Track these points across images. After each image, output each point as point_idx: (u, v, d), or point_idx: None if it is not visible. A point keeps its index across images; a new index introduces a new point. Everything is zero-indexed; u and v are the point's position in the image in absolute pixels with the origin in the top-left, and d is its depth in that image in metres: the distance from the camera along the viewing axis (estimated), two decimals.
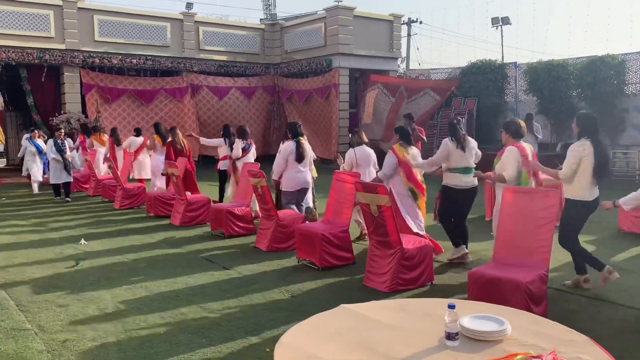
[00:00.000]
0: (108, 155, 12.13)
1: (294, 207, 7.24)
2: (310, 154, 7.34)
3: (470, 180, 5.90)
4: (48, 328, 4.28)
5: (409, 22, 29.27)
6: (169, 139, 10.15)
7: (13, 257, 6.66)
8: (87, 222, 9.05)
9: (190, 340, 4.01)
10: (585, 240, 7.11)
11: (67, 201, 11.25)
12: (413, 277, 5.21)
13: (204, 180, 12.09)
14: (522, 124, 5.49)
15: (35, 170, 12.88)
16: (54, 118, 16.17)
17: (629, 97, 14.37)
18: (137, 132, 12.30)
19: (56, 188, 11.54)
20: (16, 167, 18.13)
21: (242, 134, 9.07)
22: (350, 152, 7.14)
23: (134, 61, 17.86)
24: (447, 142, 5.89)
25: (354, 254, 6.17)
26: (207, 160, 17.56)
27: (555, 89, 15.00)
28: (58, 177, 11.20)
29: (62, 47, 16.71)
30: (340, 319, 2.57)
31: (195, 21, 19.37)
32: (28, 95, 16.83)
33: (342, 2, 18.70)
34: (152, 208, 9.46)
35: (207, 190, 10.44)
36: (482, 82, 16.85)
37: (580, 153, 4.86)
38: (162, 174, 10.04)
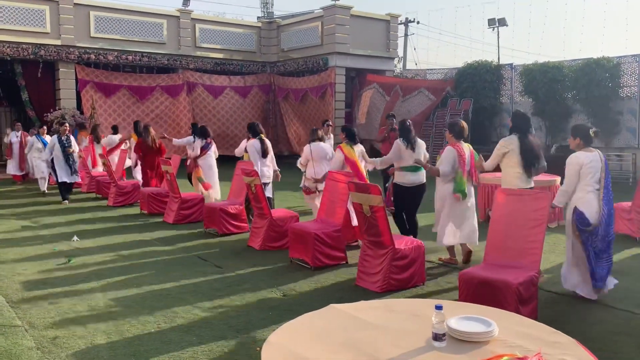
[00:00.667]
0: (101, 152, 12.11)
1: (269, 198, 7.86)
2: (271, 149, 8.13)
3: (418, 179, 6.32)
4: (38, 325, 4.27)
5: (406, 22, 29.32)
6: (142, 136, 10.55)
7: (3, 253, 6.64)
8: (80, 219, 9.03)
9: (181, 338, 4.01)
10: None
11: (65, 202, 10.64)
12: (405, 277, 5.21)
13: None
14: (465, 125, 5.99)
15: (43, 167, 12.14)
16: (48, 114, 16.10)
17: (623, 100, 14.43)
18: (115, 130, 12.79)
19: (65, 189, 10.77)
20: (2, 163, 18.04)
21: (202, 133, 9.45)
22: (306, 148, 7.68)
23: (130, 58, 17.82)
24: (398, 143, 6.33)
25: (346, 254, 6.18)
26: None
27: (550, 90, 15.05)
28: (61, 175, 10.52)
29: (58, 42, 16.65)
30: (329, 318, 2.57)
31: (192, 18, 19.34)
32: (23, 90, 16.76)
33: (339, 2, 18.71)
34: (146, 206, 9.44)
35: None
36: (478, 83, 16.89)
37: (503, 148, 5.43)
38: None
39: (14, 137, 13.92)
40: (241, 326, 4.26)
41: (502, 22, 26.48)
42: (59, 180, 10.52)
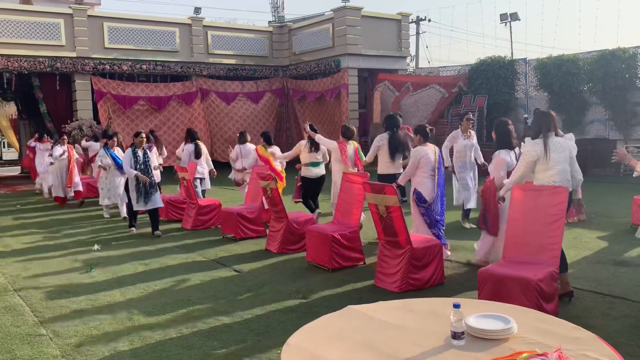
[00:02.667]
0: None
1: (198, 190, 9.66)
2: (205, 152, 10.02)
3: (318, 172, 7.98)
4: (62, 333, 4.34)
5: (418, 21, 29.20)
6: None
7: (28, 263, 6.76)
8: (100, 228, 9.16)
9: (203, 343, 4.05)
10: (598, 236, 7.08)
11: (157, 236, 8.17)
12: (423, 276, 5.21)
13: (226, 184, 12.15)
14: (353, 128, 7.77)
15: (114, 188, 9.91)
16: (66, 125, 16.36)
17: None
18: (95, 138, 13.32)
19: (132, 214, 8.54)
20: (30, 173, 18.33)
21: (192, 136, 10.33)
22: (237, 147, 9.47)
23: (144, 67, 18.03)
24: (302, 143, 8.11)
25: (364, 255, 6.19)
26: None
27: (565, 84, 14.90)
28: (139, 200, 8.05)
29: (73, 54, 16.92)
30: (347, 319, 2.58)
31: (204, 25, 19.51)
32: (41, 103, 17.07)
33: (349, 3, 18.72)
34: (164, 212, 9.53)
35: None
36: (492, 79, 16.78)
37: (377, 143, 7.21)
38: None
39: (58, 151, 11.90)
40: (262, 329, 4.29)
41: (514, 16, 26.23)
42: (134, 208, 8.23)
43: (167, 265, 6.49)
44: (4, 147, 33.68)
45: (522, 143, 5.50)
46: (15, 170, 22.89)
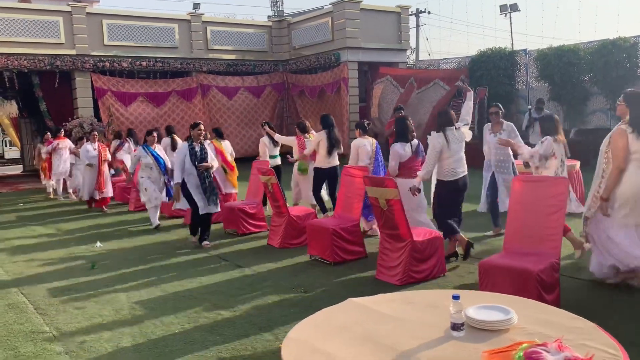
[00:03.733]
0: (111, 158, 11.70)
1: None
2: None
3: (275, 162, 8.81)
4: (66, 330, 4.36)
5: (417, 13, 29.08)
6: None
7: (30, 260, 6.79)
8: (102, 224, 9.18)
9: (205, 338, 4.07)
10: None
11: (206, 244, 7.09)
12: (425, 269, 5.21)
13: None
14: (307, 124, 8.70)
15: (152, 192, 8.54)
16: (67, 123, 16.36)
17: None
18: (119, 136, 12.86)
19: (198, 222, 7.13)
20: (32, 172, 18.36)
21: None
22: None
23: (144, 63, 18.00)
24: (265, 140, 8.95)
25: (365, 248, 6.20)
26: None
27: (566, 74, 14.83)
28: (200, 204, 6.92)
29: (73, 52, 16.89)
30: (348, 312, 2.59)
31: (203, 21, 19.45)
32: (41, 101, 17.05)
33: None
34: (166, 209, 9.54)
35: None
36: (492, 71, 16.70)
37: (317, 139, 7.80)
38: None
39: (86, 151, 10.73)
40: (263, 324, 4.30)
41: (514, 7, 26.08)
42: (200, 212, 6.96)
43: (169, 261, 6.50)
44: (5, 146, 33.72)
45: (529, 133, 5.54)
46: (17, 169, 22.92)
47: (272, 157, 8.98)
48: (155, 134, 8.74)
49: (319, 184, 7.94)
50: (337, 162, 7.86)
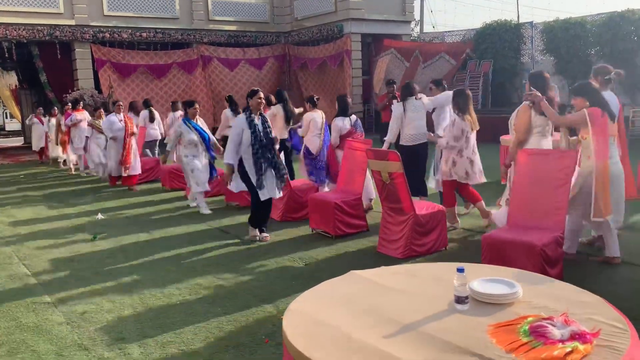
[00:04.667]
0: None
1: (148, 151, 11.08)
2: (158, 116, 11.24)
3: None
4: (67, 301, 4.36)
5: None
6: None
7: (32, 232, 6.78)
8: (104, 197, 9.16)
9: (206, 309, 4.06)
10: None
11: (265, 237, 5.96)
12: (427, 242, 5.19)
13: None
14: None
15: (200, 173, 7.45)
16: (67, 95, 16.24)
17: None
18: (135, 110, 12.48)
19: (256, 211, 5.89)
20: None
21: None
22: (170, 115, 10.71)
23: (144, 34, 17.77)
24: (227, 112, 9.35)
25: (367, 221, 6.17)
26: None
27: (572, 48, 14.62)
28: (265, 188, 5.72)
29: (72, 22, 16.66)
30: (350, 285, 2.56)
31: None
32: (41, 72, 16.90)
33: None
34: (167, 182, 9.51)
35: None
36: (497, 44, 16.49)
37: (273, 112, 7.97)
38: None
39: (111, 123, 9.57)
40: (265, 296, 4.29)
41: None
42: (262, 198, 5.73)
43: (171, 233, 6.49)
44: (6, 117, 33.59)
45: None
46: (18, 141, 22.86)
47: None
48: (197, 106, 7.56)
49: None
50: (287, 135, 8.20)
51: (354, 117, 7.09)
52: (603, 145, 4.47)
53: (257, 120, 5.67)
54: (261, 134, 5.63)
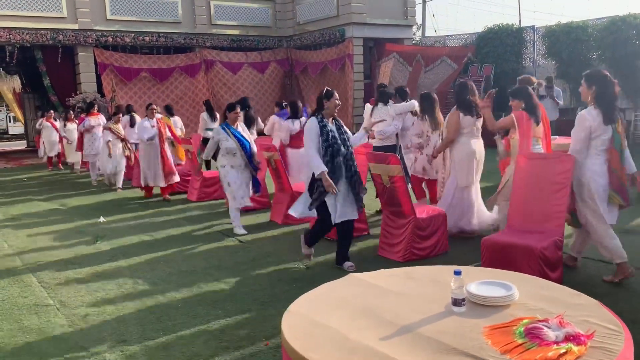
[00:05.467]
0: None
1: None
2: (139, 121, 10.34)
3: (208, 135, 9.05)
4: (69, 303, 4.39)
5: None
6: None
7: (35, 235, 6.82)
8: (106, 200, 9.20)
9: (207, 312, 4.09)
10: None
11: (350, 266, 4.98)
12: (427, 246, 5.21)
13: None
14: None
15: (238, 187, 6.48)
16: (70, 99, 16.31)
17: None
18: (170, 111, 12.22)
19: (320, 230, 5.14)
20: (36, 148, 18.31)
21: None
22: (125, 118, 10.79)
23: (147, 39, 17.85)
24: (203, 115, 10.11)
25: (368, 225, 6.19)
26: None
27: (574, 52, 14.62)
28: (338, 210, 4.89)
29: (75, 27, 16.75)
30: (348, 287, 2.59)
31: None
32: (44, 76, 16.99)
33: None
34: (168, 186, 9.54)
35: None
36: (499, 47, 16.50)
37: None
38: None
39: (144, 128, 8.60)
40: (266, 299, 4.32)
41: None
42: (336, 220, 4.89)
43: (173, 236, 6.52)
44: (10, 121, 33.71)
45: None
46: (21, 145, 22.95)
47: (210, 130, 9.44)
48: (238, 109, 6.68)
49: None
50: (255, 136, 8.33)
51: (304, 119, 7.59)
52: (527, 146, 4.91)
53: (332, 125, 4.80)
54: (338, 141, 4.76)
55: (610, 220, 4.37)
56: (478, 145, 5.79)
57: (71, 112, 13.41)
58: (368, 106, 7.38)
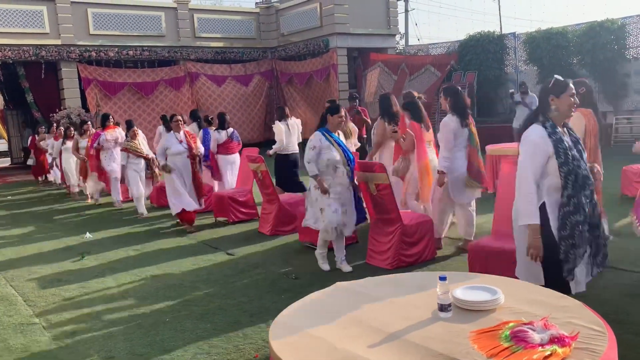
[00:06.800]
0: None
1: None
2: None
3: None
4: (56, 321, 4.34)
5: None
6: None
7: (20, 253, 6.74)
8: (92, 215, 9.13)
9: (196, 326, 4.06)
10: None
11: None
12: (415, 253, 5.23)
13: None
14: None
15: (334, 213, 5.00)
16: (54, 114, 16.19)
17: (630, 62, 14.21)
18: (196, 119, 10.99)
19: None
20: (21, 165, 18.14)
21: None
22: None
23: (131, 52, 17.81)
24: (160, 128, 10.11)
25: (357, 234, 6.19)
26: None
27: (555, 57, 14.86)
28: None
29: (58, 42, 16.67)
30: (335, 296, 2.59)
31: (190, 9, 19.24)
32: (27, 92, 16.86)
33: None
34: (156, 199, 9.50)
35: None
36: (481, 55, 16.71)
37: (192, 130, 8.58)
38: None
39: (170, 144, 7.11)
40: (255, 310, 4.31)
41: None
42: (574, 290, 3.19)
43: (160, 250, 6.48)
44: None
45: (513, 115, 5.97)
46: (5, 162, 22.69)
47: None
48: (343, 112, 5.15)
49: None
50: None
51: (230, 129, 8.75)
52: (422, 149, 5.71)
53: (566, 138, 3.16)
54: (574, 161, 3.07)
55: (465, 199, 5.56)
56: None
57: (71, 127, 11.42)
58: (280, 124, 8.31)
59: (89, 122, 11.07)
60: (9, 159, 21.92)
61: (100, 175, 9.76)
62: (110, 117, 9.98)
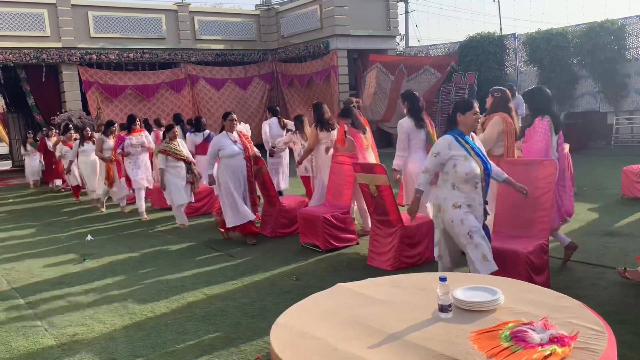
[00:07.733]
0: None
1: None
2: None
3: None
4: (57, 323, 4.35)
5: None
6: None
7: (21, 255, 6.75)
8: (93, 218, 9.14)
9: (197, 327, 4.07)
10: (589, 208, 7.13)
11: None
12: (416, 254, 5.24)
13: None
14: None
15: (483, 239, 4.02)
16: (55, 117, 16.22)
17: (630, 62, 14.19)
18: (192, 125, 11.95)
19: None
20: (21, 167, 18.13)
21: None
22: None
23: (131, 55, 17.84)
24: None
25: (357, 235, 6.21)
26: None
27: (555, 58, 14.85)
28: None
29: (59, 45, 16.70)
30: (336, 297, 2.60)
31: (190, 11, 19.27)
32: (28, 95, 16.89)
33: None
34: (156, 201, 9.51)
35: None
36: (481, 56, 16.70)
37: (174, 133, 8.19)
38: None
39: (222, 146, 6.50)
40: (256, 312, 4.31)
41: None
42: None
43: (161, 252, 6.49)
44: None
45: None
46: (6, 165, 22.72)
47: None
48: (476, 108, 4.01)
49: None
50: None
51: (207, 132, 9.10)
52: (362, 153, 6.26)
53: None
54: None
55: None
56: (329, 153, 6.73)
57: (87, 128, 10.47)
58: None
59: (88, 127, 10.49)
60: (10, 162, 21.95)
61: (129, 182, 8.84)
62: (137, 119, 9.00)
